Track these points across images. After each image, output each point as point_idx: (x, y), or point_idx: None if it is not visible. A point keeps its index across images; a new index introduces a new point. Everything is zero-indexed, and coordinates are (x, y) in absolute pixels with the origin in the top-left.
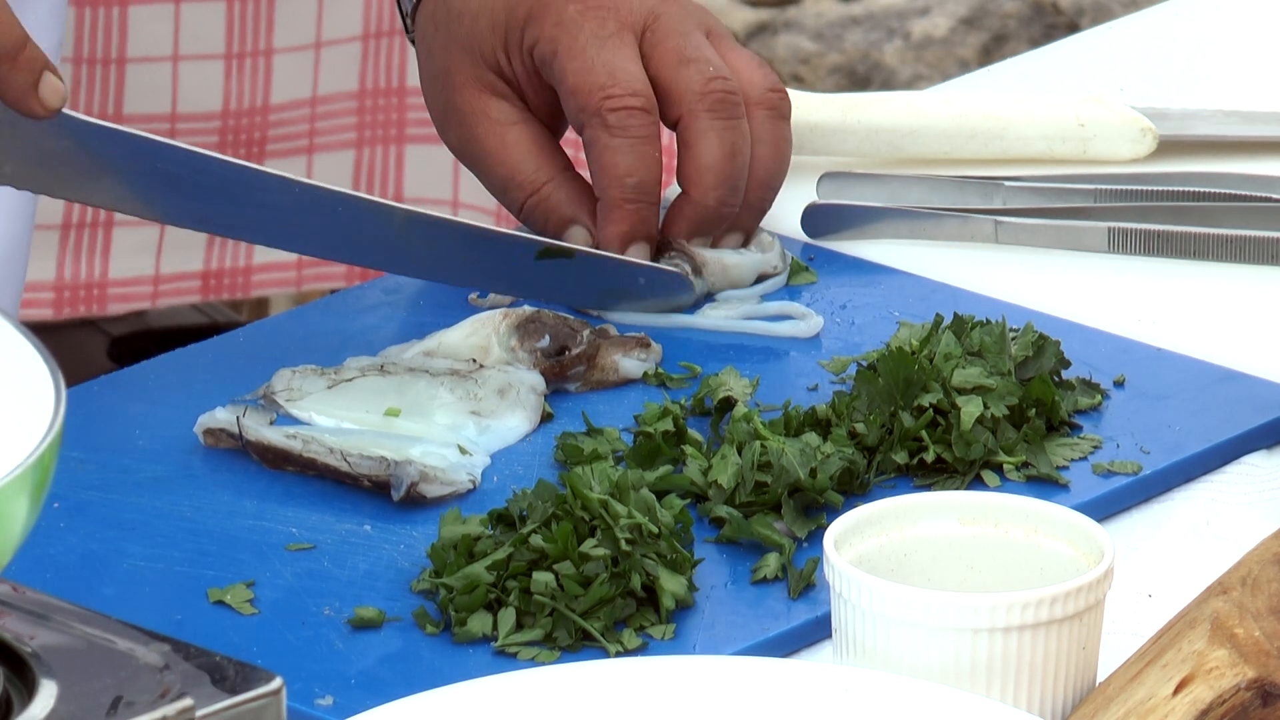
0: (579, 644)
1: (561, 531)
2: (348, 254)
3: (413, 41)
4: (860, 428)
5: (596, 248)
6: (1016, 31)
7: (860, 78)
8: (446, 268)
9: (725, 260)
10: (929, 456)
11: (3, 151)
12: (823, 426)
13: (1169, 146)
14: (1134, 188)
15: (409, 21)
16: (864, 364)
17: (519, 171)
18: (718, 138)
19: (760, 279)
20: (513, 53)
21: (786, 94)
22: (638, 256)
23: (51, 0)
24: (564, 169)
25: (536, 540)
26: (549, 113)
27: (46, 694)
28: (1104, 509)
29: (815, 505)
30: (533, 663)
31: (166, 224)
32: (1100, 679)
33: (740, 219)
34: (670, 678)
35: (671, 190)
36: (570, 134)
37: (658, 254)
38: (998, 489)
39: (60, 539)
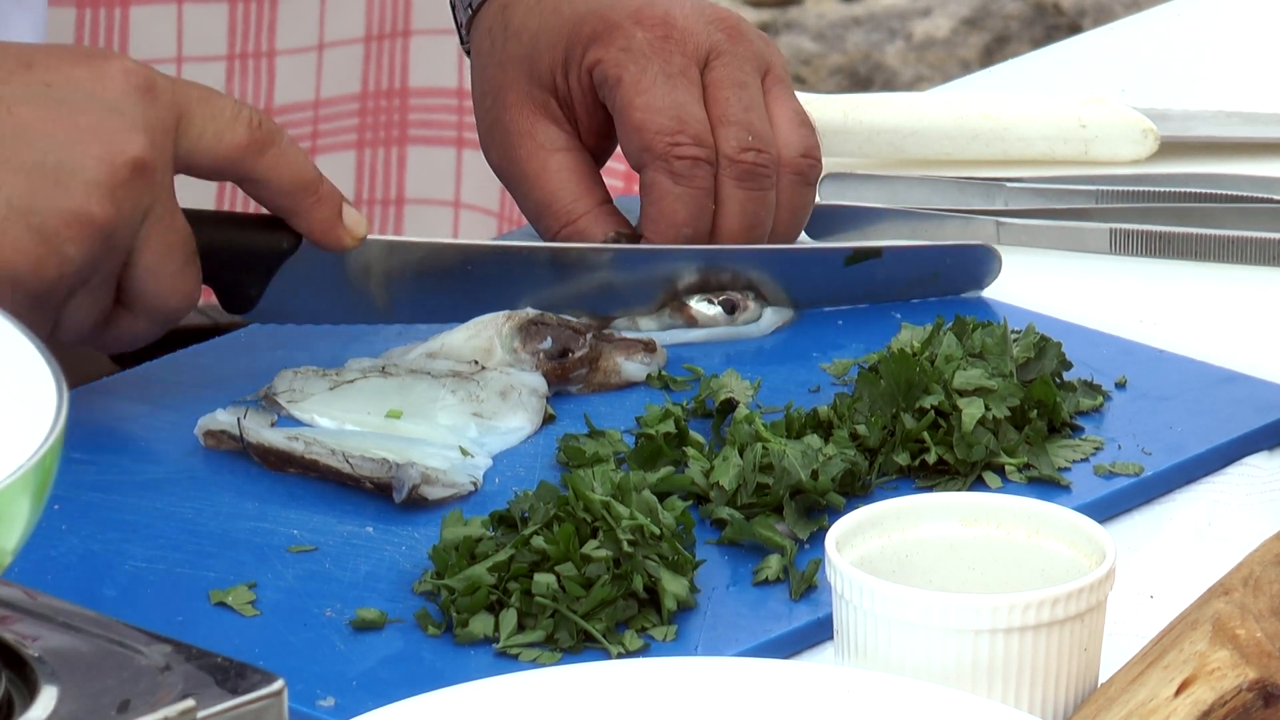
0: (580, 645)
1: (563, 533)
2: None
3: (467, 53)
4: (862, 429)
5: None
6: (1018, 32)
7: (862, 79)
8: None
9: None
10: (930, 458)
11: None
12: (824, 428)
13: (1170, 147)
14: (1135, 189)
15: (464, 32)
16: (865, 366)
17: (556, 199)
18: (740, 208)
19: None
20: (571, 69)
21: (819, 161)
22: None
23: (34, 10)
24: (602, 202)
25: (538, 542)
26: (597, 133)
27: (48, 696)
28: (1105, 510)
29: (817, 507)
30: (534, 664)
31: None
32: (1102, 680)
33: None
34: (672, 679)
35: None
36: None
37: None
38: (999, 490)
39: (62, 540)
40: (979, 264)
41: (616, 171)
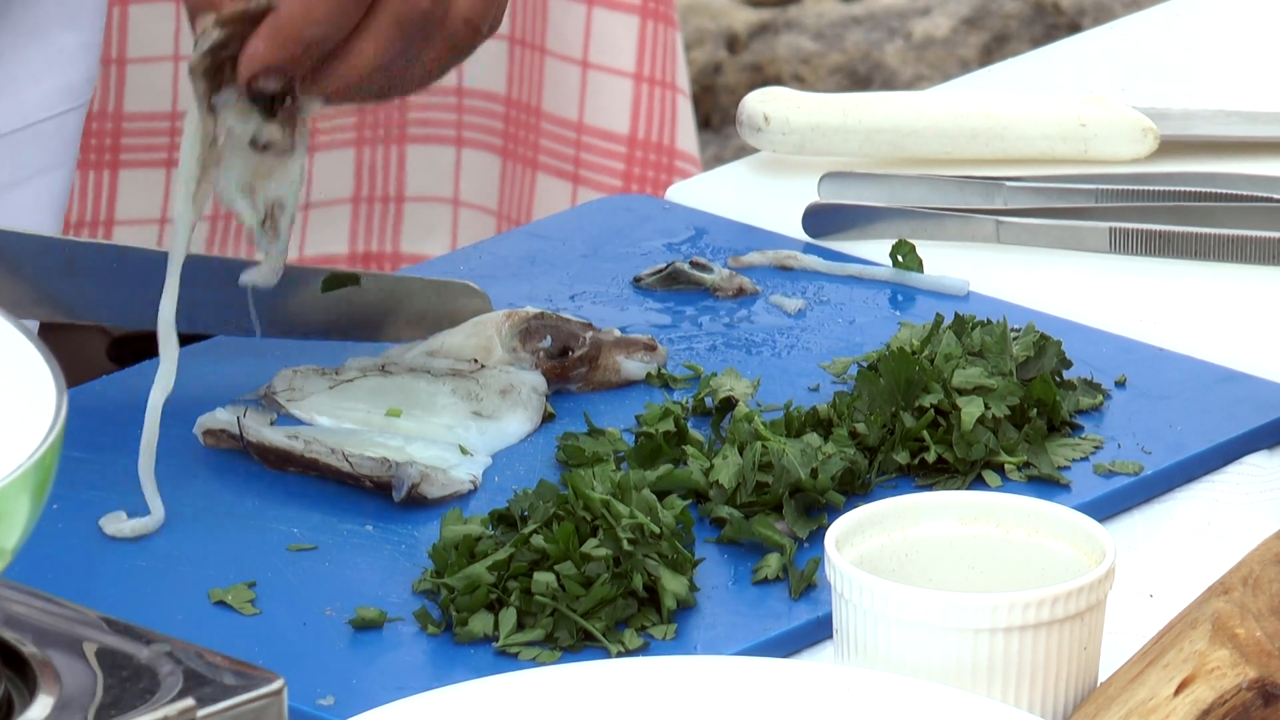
0: (580, 644)
1: (563, 532)
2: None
3: None
4: (861, 428)
5: None
6: (1018, 31)
7: (861, 78)
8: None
9: None
10: (930, 456)
11: None
12: (824, 427)
13: (1170, 146)
14: (1135, 188)
15: None
16: (865, 364)
17: None
18: None
19: None
20: None
21: None
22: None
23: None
24: None
25: (538, 540)
26: None
27: (47, 694)
28: (1105, 509)
29: (816, 505)
30: (534, 663)
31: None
32: (1101, 679)
33: None
34: (672, 678)
35: None
36: None
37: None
38: (999, 489)
39: (61, 539)
40: (460, 302)
41: (614, 170)
